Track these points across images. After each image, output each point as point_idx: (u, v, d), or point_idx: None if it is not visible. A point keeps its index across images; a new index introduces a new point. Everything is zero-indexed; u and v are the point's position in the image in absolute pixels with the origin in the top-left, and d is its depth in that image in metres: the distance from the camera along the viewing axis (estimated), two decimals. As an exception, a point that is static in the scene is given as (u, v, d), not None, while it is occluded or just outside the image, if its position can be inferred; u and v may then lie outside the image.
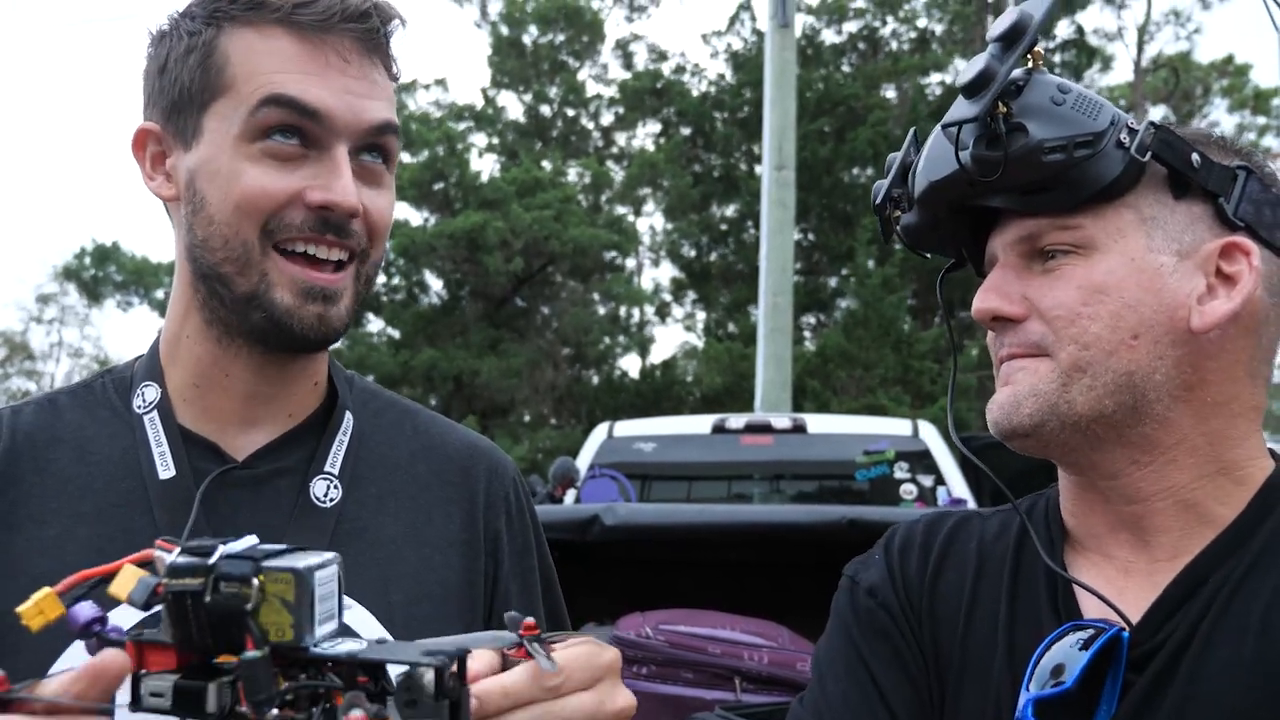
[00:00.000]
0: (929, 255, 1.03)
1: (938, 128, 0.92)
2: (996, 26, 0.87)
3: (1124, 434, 0.88)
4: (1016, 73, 0.87)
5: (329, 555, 0.67)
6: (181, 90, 0.96)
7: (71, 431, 1.01)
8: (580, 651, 0.72)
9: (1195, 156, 0.88)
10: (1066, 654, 0.83)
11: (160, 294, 22.62)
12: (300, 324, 0.95)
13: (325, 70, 0.94)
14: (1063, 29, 20.59)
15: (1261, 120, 20.11)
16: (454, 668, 0.61)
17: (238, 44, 0.95)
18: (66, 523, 0.95)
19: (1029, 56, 0.87)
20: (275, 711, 0.60)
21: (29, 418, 1.02)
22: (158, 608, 0.63)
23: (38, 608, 0.63)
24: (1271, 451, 0.93)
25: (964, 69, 0.87)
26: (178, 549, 0.64)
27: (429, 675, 0.60)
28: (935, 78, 20.87)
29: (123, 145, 1.02)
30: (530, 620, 0.71)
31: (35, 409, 1.03)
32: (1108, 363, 0.86)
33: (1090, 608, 0.88)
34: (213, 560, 0.62)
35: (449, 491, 1.07)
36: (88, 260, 23.66)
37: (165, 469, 0.97)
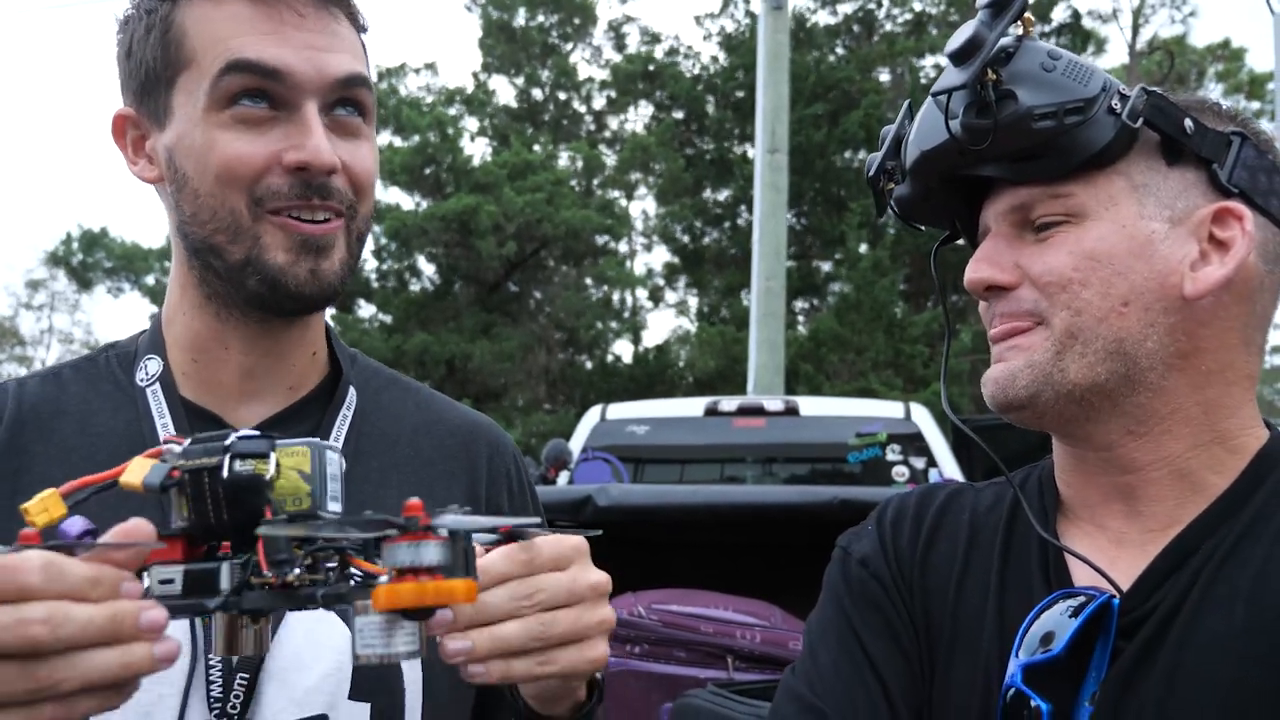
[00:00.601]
0: (922, 228, 1.02)
1: (930, 98, 0.91)
2: None
3: (1119, 403, 0.88)
4: (1006, 40, 0.86)
5: (335, 444, 0.73)
6: (147, 71, 0.96)
7: (75, 404, 1.01)
8: (550, 538, 0.75)
9: (1188, 122, 0.87)
10: (1056, 621, 0.83)
11: (150, 279, 22.53)
12: (295, 280, 0.94)
13: (282, 28, 0.93)
14: (1058, 13, 20.57)
15: (1256, 105, 20.12)
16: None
17: (193, 16, 0.95)
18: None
19: (1020, 23, 0.87)
20: (296, 571, 0.63)
21: (34, 389, 1.03)
22: None
23: (42, 505, 0.66)
24: (1266, 422, 0.92)
25: (953, 36, 0.86)
26: (188, 440, 0.67)
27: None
28: (930, 60, 20.83)
29: (109, 130, 1.02)
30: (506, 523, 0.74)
31: (40, 381, 1.04)
32: (1098, 329, 0.86)
33: (1082, 576, 0.89)
34: (228, 441, 0.65)
35: (450, 465, 1.08)
36: (75, 246, 23.55)
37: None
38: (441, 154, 20.07)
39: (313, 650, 0.93)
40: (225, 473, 0.64)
